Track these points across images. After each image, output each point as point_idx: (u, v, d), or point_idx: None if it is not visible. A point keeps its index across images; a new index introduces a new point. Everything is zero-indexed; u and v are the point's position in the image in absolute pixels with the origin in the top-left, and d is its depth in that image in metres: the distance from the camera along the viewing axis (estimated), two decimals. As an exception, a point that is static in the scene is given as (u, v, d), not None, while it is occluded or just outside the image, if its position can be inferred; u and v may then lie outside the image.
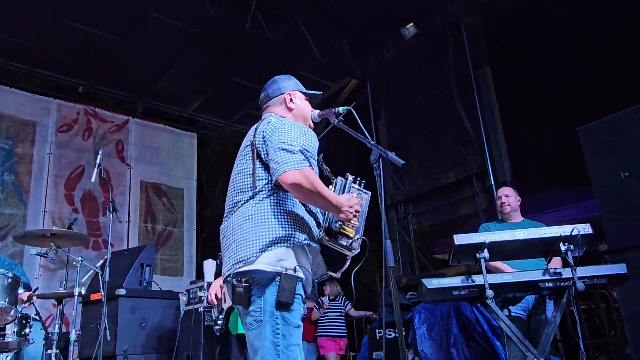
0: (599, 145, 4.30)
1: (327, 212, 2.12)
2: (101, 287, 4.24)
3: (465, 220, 8.15)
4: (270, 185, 2.07)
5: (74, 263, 4.44)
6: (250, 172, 2.09)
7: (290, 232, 2.00)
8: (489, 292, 3.24)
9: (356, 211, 2.04)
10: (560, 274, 3.33)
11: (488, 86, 7.27)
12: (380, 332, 5.66)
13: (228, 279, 2.00)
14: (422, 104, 7.99)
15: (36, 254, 4.66)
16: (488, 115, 7.12)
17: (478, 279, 3.34)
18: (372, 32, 8.32)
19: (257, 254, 1.95)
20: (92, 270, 4.67)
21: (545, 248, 3.44)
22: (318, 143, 2.19)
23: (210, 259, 4.80)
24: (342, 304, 7.41)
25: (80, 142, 8.52)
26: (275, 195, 2.06)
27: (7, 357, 4.02)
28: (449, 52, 7.69)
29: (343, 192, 2.13)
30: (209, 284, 4.41)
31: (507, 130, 7.00)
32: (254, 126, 2.28)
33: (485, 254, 3.32)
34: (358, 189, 2.19)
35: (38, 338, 4.14)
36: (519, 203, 4.13)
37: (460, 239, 3.36)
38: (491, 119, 7.10)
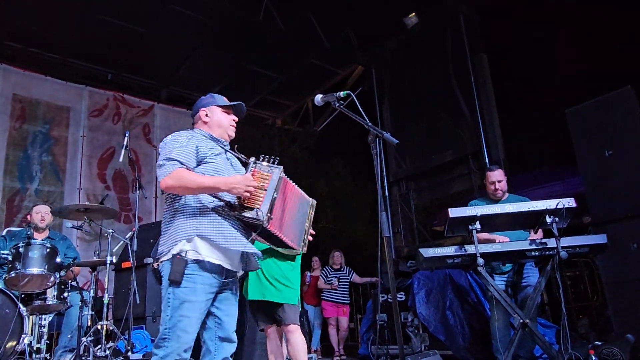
0: (585, 126, 4.26)
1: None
2: (131, 256, 4.33)
3: (461, 196, 8.15)
4: None
5: (106, 235, 4.54)
6: None
7: (194, 230, 2.22)
8: (480, 260, 3.27)
9: (253, 187, 2.20)
10: (545, 243, 3.35)
11: (484, 72, 7.17)
12: (383, 297, 5.72)
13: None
14: (423, 89, 7.92)
15: (72, 227, 4.76)
16: (483, 99, 7.05)
17: (470, 249, 3.37)
18: (376, 21, 8.21)
19: (168, 247, 2.24)
20: (122, 241, 4.77)
21: (532, 220, 3.45)
22: (200, 144, 2.35)
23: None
24: (346, 274, 7.49)
25: (111, 125, 8.58)
26: (183, 197, 2.30)
27: (49, 317, 4.14)
28: (447, 39, 7.59)
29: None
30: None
31: (501, 112, 6.93)
32: None
33: (477, 225, 3.34)
34: (269, 166, 2.30)
35: (77, 301, 4.25)
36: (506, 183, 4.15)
37: (454, 212, 3.38)
38: (486, 102, 7.03)
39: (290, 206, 2.39)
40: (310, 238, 2.53)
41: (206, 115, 2.56)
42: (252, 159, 2.32)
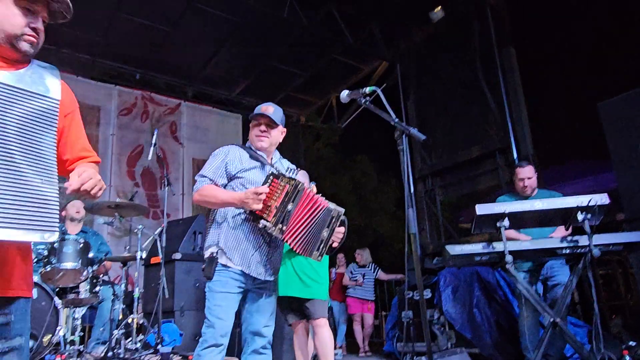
0: (618, 120, 4.13)
1: None
2: (160, 251, 4.41)
3: (488, 193, 8.02)
4: None
5: (136, 231, 4.64)
6: None
7: (217, 237, 2.53)
8: (509, 258, 3.21)
9: (262, 198, 2.35)
10: (577, 241, 3.26)
11: (512, 65, 7.03)
12: (408, 294, 5.69)
13: None
14: (449, 84, 7.81)
15: (103, 223, 4.88)
16: (511, 93, 6.91)
17: (498, 246, 3.32)
18: (401, 16, 8.13)
19: (205, 250, 2.56)
20: (151, 237, 4.87)
21: (563, 217, 3.36)
22: (232, 161, 2.59)
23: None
24: (371, 270, 7.47)
25: (139, 124, 8.76)
26: (214, 210, 2.63)
27: (82, 310, 4.26)
28: (474, 33, 7.45)
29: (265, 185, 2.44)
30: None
31: (529, 106, 6.78)
32: None
33: (506, 222, 3.27)
34: (288, 177, 2.42)
35: (109, 296, 4.36)
36: (536, 179, 4.07)
37: (481, 208, 3.32)
38: (514, 96, 6.89)
39: (307, 217, 2.41)
40: (335, 245, 2.52)
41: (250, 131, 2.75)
42: (271, 171, 2.46)
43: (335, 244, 2.51)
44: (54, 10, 1.58)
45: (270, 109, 2.67)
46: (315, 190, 2.59)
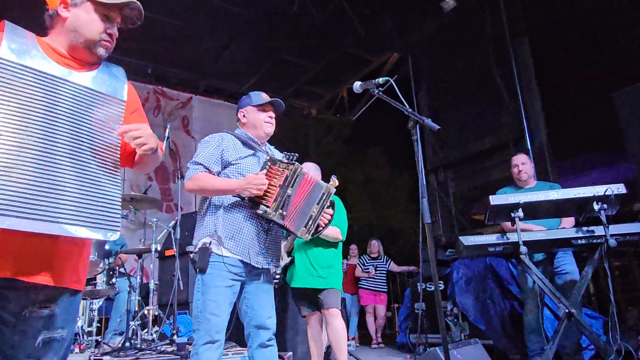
0: (634, 109, 4.06)
1: None
2: (174, 244, 4.45)
3: (501, 184, 7.94)
4: None
5: (150, 224, 4.69)
6: None
7: (213, 226, 2.43)
8: (523, 248, 3.20)
9: (262, 184, 2.32)
10: (593, 231, 3.24)
11: (525, 55, 6.93)
12: (422, 285, 5.69)
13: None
14: (461, 75, 7.74)
15: (118, 216, 4.91)
16: (525, 84, 6.82)
17: (512, 237, 3.30)
18: (412, 6, 8.05)
19: (197, 241, 2.46)
20: (165, 230, 4.92)
21: (579, 208, 3.34)
22: (227, 148, 2.52)
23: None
24: (384, 262, 7.47)
25: (151, 118, 8.80)
26: (209, 197, 2.52)
27: (99, 301, 4.33)
28: (487, 23, 7.36)
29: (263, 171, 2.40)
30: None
31: (543, 97, 6.68)
32: None
33: (520, 213, 3.25)
34: (286, 163, 2.40)
35: (125, 287, 4.42)
36: (532, 168, 4.07)
37: (495, 199, 3.31)
38: (528, 87, 6.80)
39: (304, 199, 2.42)
40: (322, 226, 2.50)
41: (243, 116, 2.73)
42: (267, 157, 2.43)
43: (322, 225, 2.49)
44: (127, 16, 1.65)
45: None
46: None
